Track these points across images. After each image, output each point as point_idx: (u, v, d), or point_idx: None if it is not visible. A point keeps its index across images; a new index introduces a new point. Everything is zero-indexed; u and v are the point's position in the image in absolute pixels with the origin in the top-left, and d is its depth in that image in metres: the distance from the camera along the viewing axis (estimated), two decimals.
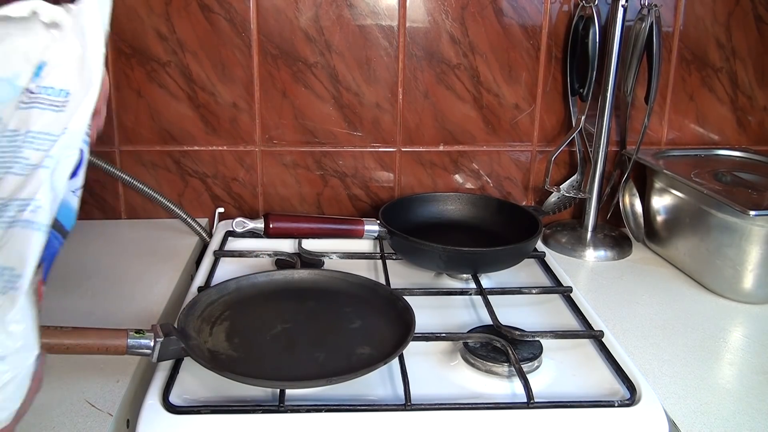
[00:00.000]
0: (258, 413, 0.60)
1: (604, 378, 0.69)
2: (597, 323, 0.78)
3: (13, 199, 0.36)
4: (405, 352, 0.66)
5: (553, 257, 1.00)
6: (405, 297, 0.76)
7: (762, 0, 1.09)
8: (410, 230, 0.92)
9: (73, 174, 0.40)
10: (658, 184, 1.05)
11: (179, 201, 1.10)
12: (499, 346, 0.70)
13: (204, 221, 1.10)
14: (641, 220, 1.07)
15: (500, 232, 1.01)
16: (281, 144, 1.09)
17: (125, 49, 1.03)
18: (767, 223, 0.86)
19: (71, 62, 0.38)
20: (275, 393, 0.63)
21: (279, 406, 0.61)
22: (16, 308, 0.35)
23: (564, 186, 1.12)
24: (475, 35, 1.07)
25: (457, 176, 1.14)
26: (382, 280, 0.86)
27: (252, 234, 0.98)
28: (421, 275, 0.94)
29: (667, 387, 0.72)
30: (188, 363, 0.65)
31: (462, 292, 0.86)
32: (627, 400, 0.64)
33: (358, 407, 0.61)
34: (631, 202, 1.08)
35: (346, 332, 0.71)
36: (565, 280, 0.90)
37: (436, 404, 0.62)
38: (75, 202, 0.42)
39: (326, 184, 1.13)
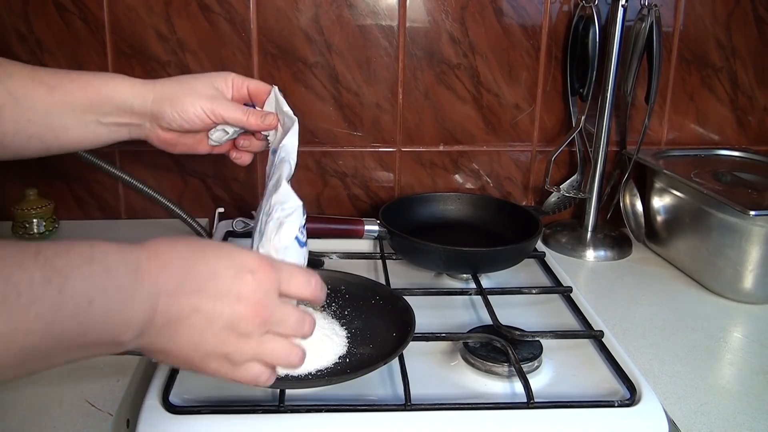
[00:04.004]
0: (258, 413, 0.60)
1: (604, 378, 0.70)
2: (597, 323, 0.78)
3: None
4: (405, 352, 0.66)
5: (553, 257, 1.00)
6: (405, 297, 0.76)
7: (762, 0, 1.09)
8: (410, 230, 0.92)
9: None
10: (658, 184, 1.05)
11: (179, 201, 1.10)
12: (499, 346, 0.71)
13: (204, 221, 1.09)
14: (642, 219, 1.07)
15: (500, 232, 1.01)
16: None
17: (125, 49, 1.03)
18: (767, 223, 0.86)
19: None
20: (275, 393, 0.63)
21: (279, 406, 0.61)
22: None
23: (564, 186, 1.12)
24: (475, 35, 1.07)
25: (457, 176, 1.14)
26: (382, 280, 0.86)
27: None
28: (421, 275, 0.94)
29: (667, 387, 0.72)
30: None
31: (462, 292, 0.86)
32: (627, 400, 0.64)
33: (358, 407, 0.61)
34: (631, 202, 1.08)
35: (346, 332, 0.71)
36: (565, 280, 0.90)
37: (436, 404, 0.62)
38: None
39: (326, 184, 1.13)
